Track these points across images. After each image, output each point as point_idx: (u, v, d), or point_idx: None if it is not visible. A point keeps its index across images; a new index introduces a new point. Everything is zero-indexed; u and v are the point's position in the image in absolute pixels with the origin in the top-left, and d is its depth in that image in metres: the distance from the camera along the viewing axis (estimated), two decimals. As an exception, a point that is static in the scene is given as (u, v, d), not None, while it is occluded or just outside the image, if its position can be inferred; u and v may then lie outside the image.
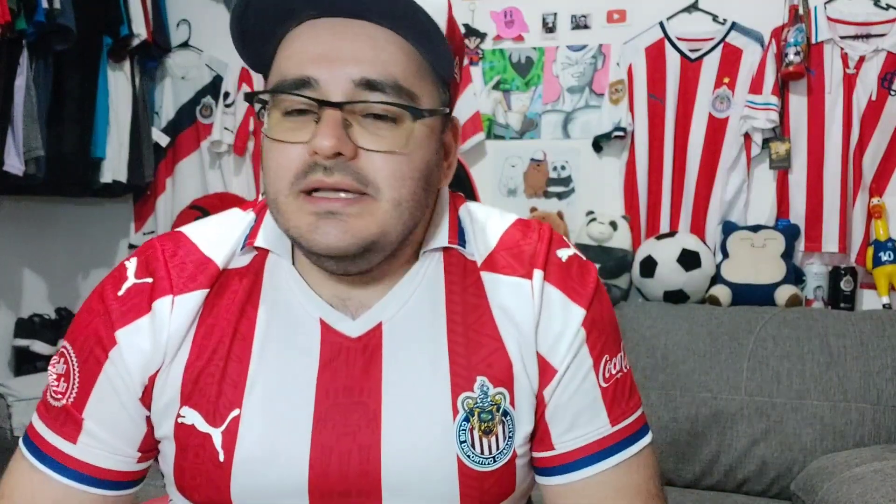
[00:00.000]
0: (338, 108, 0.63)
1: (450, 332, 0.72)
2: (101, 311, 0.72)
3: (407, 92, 0.65)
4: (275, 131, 0.66)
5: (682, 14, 2.48)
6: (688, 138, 2.46)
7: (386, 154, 0.65)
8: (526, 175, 2.64)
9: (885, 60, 2.26)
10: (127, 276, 0.74)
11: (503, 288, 0.73)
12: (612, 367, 0.74)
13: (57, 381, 0.74)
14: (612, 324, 0.77)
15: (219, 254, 0.74)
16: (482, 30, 2.67)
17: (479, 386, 0.71)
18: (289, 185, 0.65)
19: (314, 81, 0.64)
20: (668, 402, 2.05)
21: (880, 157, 2.29)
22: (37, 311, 2.85)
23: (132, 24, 2.62)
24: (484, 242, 0.76)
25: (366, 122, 0.65)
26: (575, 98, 2.60)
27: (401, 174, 0.65)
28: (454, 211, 0.78)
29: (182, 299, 0.71)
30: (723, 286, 2.31)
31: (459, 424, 0.71)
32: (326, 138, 0.62)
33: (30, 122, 2.31)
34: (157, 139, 2.87)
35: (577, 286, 0.74)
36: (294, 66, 0.65)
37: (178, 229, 0.78)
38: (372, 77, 0.64)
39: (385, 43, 0.65)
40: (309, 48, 0.65)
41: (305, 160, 0.64)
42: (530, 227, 0.78)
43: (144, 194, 2.94)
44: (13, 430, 2.32)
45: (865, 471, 1.60)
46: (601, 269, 2.38)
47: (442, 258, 0.75)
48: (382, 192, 0.65)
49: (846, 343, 2.00)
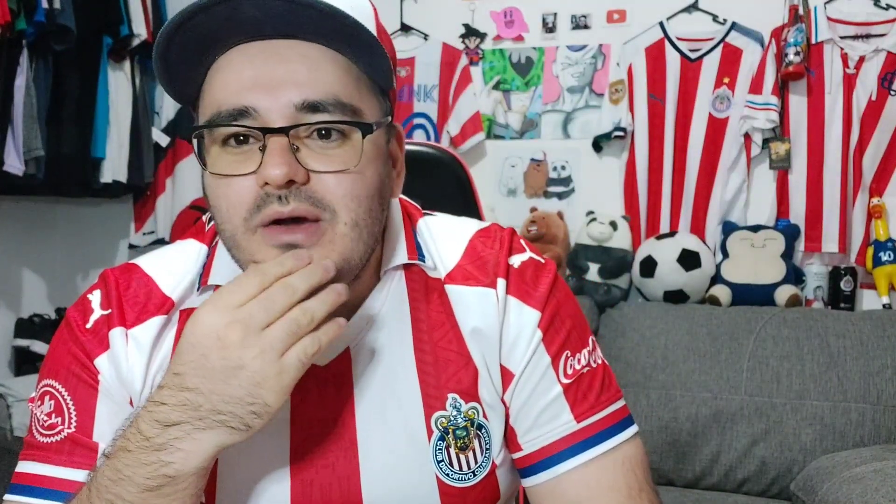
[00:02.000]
0: (283, 134, 0.61)
1: (417, 350, 0.71)
2: (74, 341, 0.71)
3: (350, 108, 0.63)
4: (218, 166, 0.63)
5: (682, 14, 2.49)
6: (688, 138, 2.46)
7: (339, 174, 0.62)
8: (526, 175, 2.64)
9: (885, 60, 2.26)
10: (93, 309, 0.72)
11: (468, 299, 0.72)
12: (574, 362, 0.72)
13: (48, 417, 0.70)
14: (573, 318, 0.74)
15: (175, 290, 0.72)
16: (482, 30, 2.67)
17: (451, 403, 0.71)
18: (244, 221, 0.62)
19: (252, 110, 0.61)
20: (668, 402, 2.05)
21: (880, 157, 2.29)
22: (37, 311, 2.85)
23: (132, 24, 2.62)
24: (447, 254, 0.74)
25: (312, 143, 0.62)
26: (575, 98, 2.60)
27: (355, 193, 0.63)
28: (409, 224, 0.76)
29: (135, 332, 0.70)
30: (723, 286, 2.31)
31: (435, 444, 0.70)
32: (276, 167, 0.59)
33: (30, 122, 2.31)
34: (157, 139, 2.86)
35: (531, 289, 0.73)
36: (229, 95, 0.62)
37: (133, 261, 0.76)
38: (313, 98, 0.61)
39: (321, 61, 0.63)
40: (243, 76, 0.62)
41: (256, 193, 0.61)
42: (490, 234, 0.76)
43: (144, 194, 2.94)
44: (13, 430, 2.32)
45: (865, 471, 1.60)
46: (601, 269, 2.38)
47: (403, 275, 0.73)
48: (339, 214, 0.62)
49: (846, 343, 2.00)
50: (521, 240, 0.78)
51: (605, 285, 2.39)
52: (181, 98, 0.68)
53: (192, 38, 0.61)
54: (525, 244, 0.77)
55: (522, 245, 0.77)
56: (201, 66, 0.64)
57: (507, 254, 0.74)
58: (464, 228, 0.78)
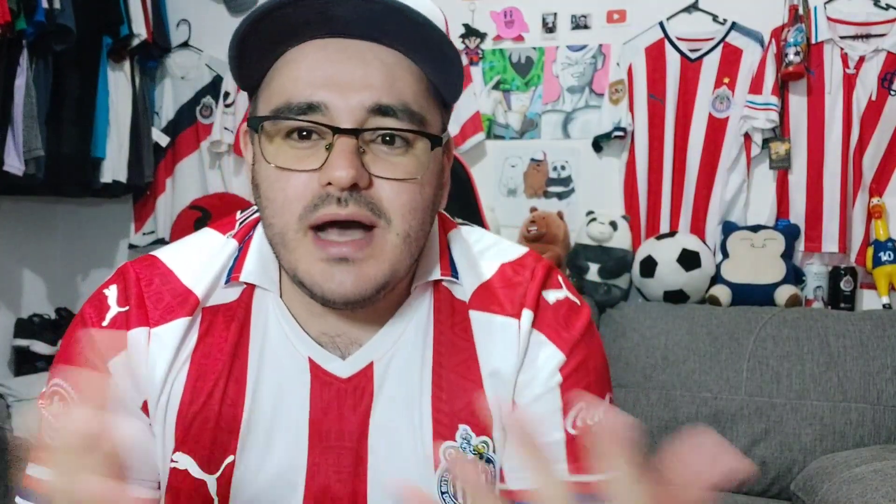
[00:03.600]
0: (353, 136, 0.60)
1: (434, 375, 0.70)
2: (88, 341, 0.69)
3: (419, 117, 0.62)
4: (280, 158, 0.62)
5: (682, 14, 2.49)
6: (688, 138, 2.46)
7: (400, 182, 0.62)
8: (526, 175, 2.64)
9: (885, 60, 2.26)
10: (109, 305, 0.70)
11: (490, 328, 0.70)
12: (588, 416, 0.69)
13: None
14: (598, 372, 0.71)
15: (199, 285, 0.70)
16: (482, 30, 2.67)
17: (461, 435, 0.69)
18: (298, 218, 0.61)
19: (324, 107, 0.60)
20: (668, 402, 2.05)
21: (880, 157, 2.29)
22: (37, 311, 2.85)
23: (132, 24, 2.62)
24: (476, 277, 0.72)
25: (377, 148, 0.62)
26: (575, 98, 2.60)
27: (413, 204, 0.63)
28: (444, 237, 0.74)
29: (159, 332, 0.68)
30: (723, 286, 2.31)
31: (441, 475, 0.69)
32: (343, 168, 0.59)
33: (30, 122, 2.30)
34: (157, 139, 2.86)
35: (561, 329, 0.70)
36: (301, 89, 0.61)
37: (153, 253, 0.73)
38: (385, 102, 0.61)
39: (397, 68, 0.62)
40: (317, 71, 0.61)
41: (315, 191, 0.60)
42: (525, 264, 0.73)
43: (144, 194, 2.94)
44: (13, 430, 2.32)
45: (865, 471, 1.60)
46: (601, 269, 2.38)
47: (432, 293, 0.72)
48: (394, 223, 0.62)
49: (846, 343, 2.00)
50: (561, 276, 0.75)
51: (605, 285, 2.39)
52: (243, 83, 0.67)
53: (274, 27, 0.60)
54: (563, 281, 0.74)
55: (560, 282, 0.74)
56: (272, 56, 0.64)
57: (540, 286, 0.71)
58: (499, 251, 0.75)
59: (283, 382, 0.70)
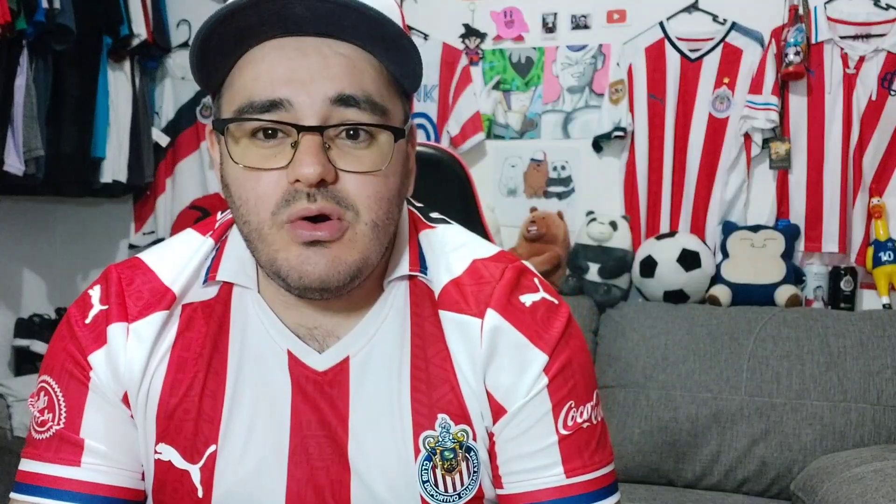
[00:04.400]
0: (317, 133, 0.61)
1: (413, 367, 0.71)
2: (71, 337, 0.71)
3: (381, 108, 0.64)
4: (248, 158, 0.63)
5: (682, 14, 2.48)
6: (688, 138, 2.46)
7: (365, 175, 0.63)
8: (526, 175, 2.64)
9: (885, 60, 2.26)
10: (92, 304, 0.72)
11: (452, 325, 0.71)
12: (577, 415, 0.70)
13: (41, 413, 0.71)
14: (582, 370, 0.72)
15: (176, 282, 0.72)
16: (482, 30, 2.66)
17: (440, 424, 0.70)
18: (271, 215, 0.63)
19: (287, 103, 0.61)
20: (668, 402, 2.05)
21: (880, 157, 2.29)
22: (37, 311, 2.86)
23: (132, 24, 2.62)
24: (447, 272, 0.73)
25: (341, 143, 0.63)
26: (575, 98, 2.60)
27: (379, 195, 0.64)
28: (414, 234, 0.76)
29: (136, 326, 0.70)
30: (723, 286, 2.31)
31: (421, 464, 0.70)
32: (310, 165, 0.60)
33: (30, 122, 2.30)
34: (157, 139, 2.86)
35: (541, 330, 0.70)
36: (263, 87, 0.62)
37: (138, 255, 0.76)
38: (347, 92, 0.62)
39: (355, 59, 0.64)
40: (278, 69, 0.62)
41: (285, 188, 0.62)
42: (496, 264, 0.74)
43: (144, 194, 2.94)
44: (13, 430, 2.32)
45: (865, 471, 1.60)
46: (601, 269, 2.38)
47: (408, 287, 0.73)
48: (361, 214, 0.63)
49: (846, 343, 2.01)
50: (536, 278, 0.75)
51: (605, 285, 2.39)
52: (205, 85, 0.68)
53: (234, 28, 0.62)
54: (539, 283, 0.75)
55: (535, 284, 0.74)
56: (232, 57, 0.65)
57: (509, 288, 0.72)
58: (472, 248, 0.76)
59: (264, 373, 0.71)
